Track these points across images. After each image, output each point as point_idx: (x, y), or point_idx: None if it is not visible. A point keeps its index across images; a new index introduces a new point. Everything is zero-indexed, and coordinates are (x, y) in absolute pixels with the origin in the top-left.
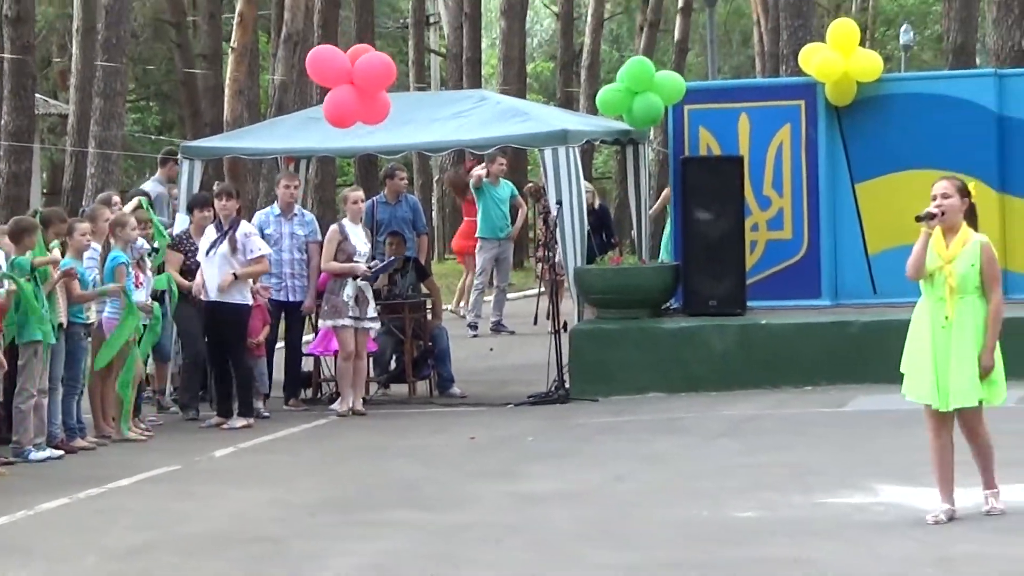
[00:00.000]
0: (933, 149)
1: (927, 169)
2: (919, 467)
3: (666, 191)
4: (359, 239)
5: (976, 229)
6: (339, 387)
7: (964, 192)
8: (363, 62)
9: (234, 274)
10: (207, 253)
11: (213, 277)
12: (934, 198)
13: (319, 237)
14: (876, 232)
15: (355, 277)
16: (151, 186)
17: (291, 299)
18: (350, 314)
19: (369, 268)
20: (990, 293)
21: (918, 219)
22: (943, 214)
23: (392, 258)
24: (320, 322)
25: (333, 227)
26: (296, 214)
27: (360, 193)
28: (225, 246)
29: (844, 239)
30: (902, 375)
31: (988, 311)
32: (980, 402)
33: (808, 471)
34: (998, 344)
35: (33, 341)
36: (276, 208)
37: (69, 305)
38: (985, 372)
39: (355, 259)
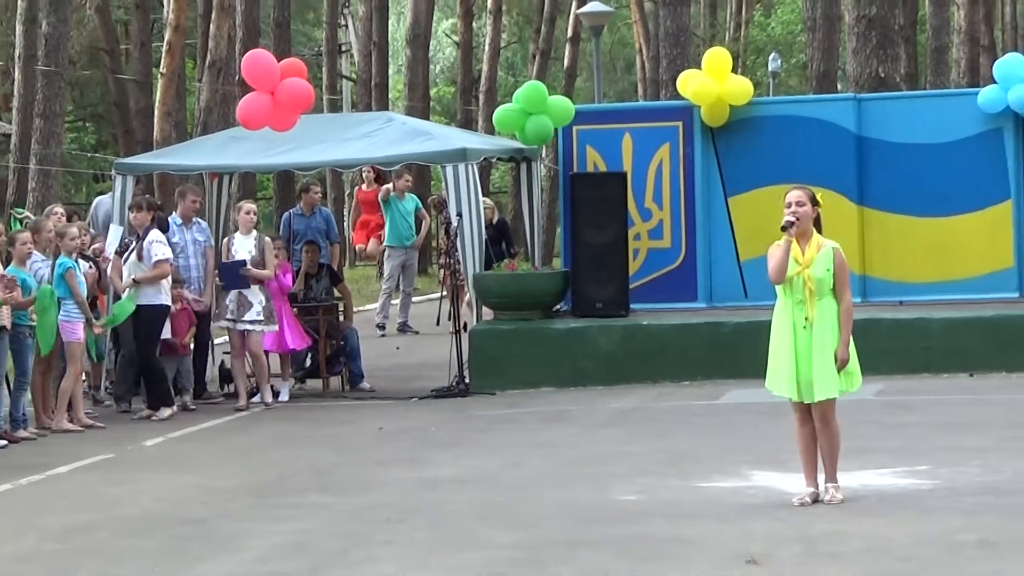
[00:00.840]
0: (799, 166)
1: (793, 184)
2: (786, 454)
3: None
4: (243, 247)
5: (821, 235)
6: (236, 382)
7: (814, 201)
8: (288, 84)
9: (135, 279)
10: (124, 260)
11: (127, 279)
12: (788, 205)
13: (212, 243)
14: (747, 241)
15: (217, 283)
16: (107, 201)
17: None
18: (227, 316)
19: (218, 278)
20: (842, 294)
21: (783, 229)
22: (798, 220)
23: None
24: (212, 323)
25: (224, 240)
26: (195, 223)
27: (252, 205)
28: (134, 255)
29: (718, 247)
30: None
31: (841, 310)
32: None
33: (685, 458)
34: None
35: None
36: (178, 218)
37: (13, 310)
38: (842, 365)
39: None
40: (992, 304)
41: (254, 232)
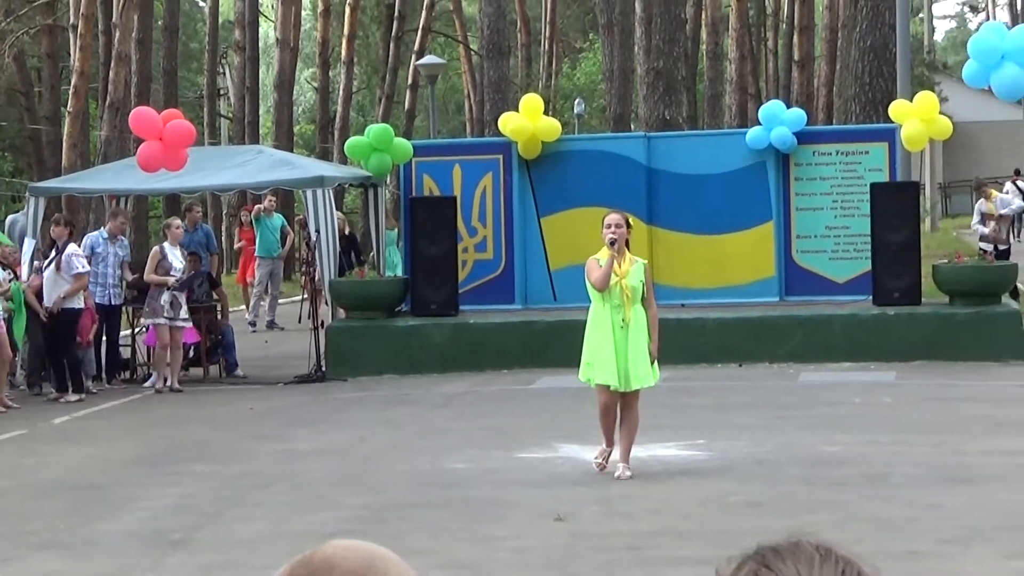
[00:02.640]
0: (599, 191)
1: (595, 207)
2: (589, 431)
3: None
4: (176, 258)
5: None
6: (156, 369)
7: (628, 224)
8: (171, 125)
9: (62, 296)
10: (44, 268)
11: (49, 286)
12: (609, 226)
13: (130, 258)
14: (556, 254)
15: (168, 287)
16: (21, 218)
17: (112, 303)
18: (165, 315)
19: (176, 280)
20: (650, 302)
21: (611, 244)
22: (618, 239)
23: (193, 272)
24: (142, 320)
25: (155, 248)
26: (119, 239)
27: (179, 221)
28: (53, 266)
29: (532, 259)
30: (579, 362)
31: (650, 315)
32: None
33: (505, 433)
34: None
35: None
36: (104, 233)
37: None
38: (654, 359)
39: (172, 273)
40: (757, 306)
41: (179, 247)
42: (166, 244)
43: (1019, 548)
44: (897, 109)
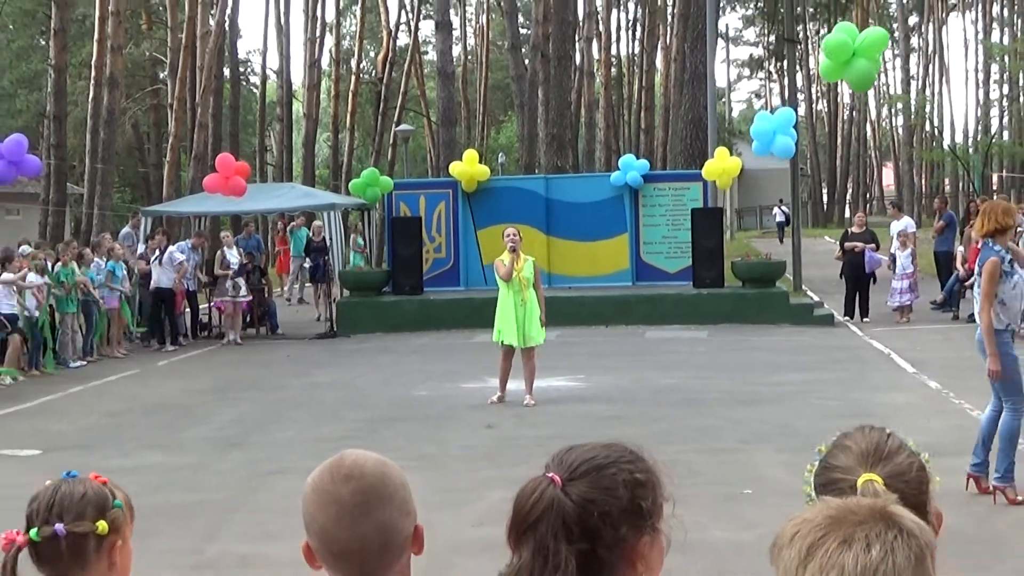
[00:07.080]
0: (515, 213)
1: (513, 223)
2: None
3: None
4: (232, 255)
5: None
6: (228, 329)
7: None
8: (235, 179)
9: (175, 278)
10: (152, 262)
11: (158, 274)
12: (509, 236)
13: (197, 261)
14: (487, 253)
15: (230, 276)
16: (128, 230)
17: (190, 289)
18: (230, 294)
19: (232, 272)
20: (538, 286)
21: (512, 251)
22: (517, 245)
23: (247, 264)
24: (214, 298)
25: (219, 252)
26: (197, 250)
27: (230, 233)
28: (158, 261)
29: (471, 257)
30: (495, 328)
31: (538, 295)
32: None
33: (454, 371)
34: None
35: (67, 313)
36: (189, 244)
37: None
38: (543, 325)
39: (231, 267)
40: (617, 288)
41: (234, 247)
42: (224, 248)
43: (787, 445)
44: (717, 155)
